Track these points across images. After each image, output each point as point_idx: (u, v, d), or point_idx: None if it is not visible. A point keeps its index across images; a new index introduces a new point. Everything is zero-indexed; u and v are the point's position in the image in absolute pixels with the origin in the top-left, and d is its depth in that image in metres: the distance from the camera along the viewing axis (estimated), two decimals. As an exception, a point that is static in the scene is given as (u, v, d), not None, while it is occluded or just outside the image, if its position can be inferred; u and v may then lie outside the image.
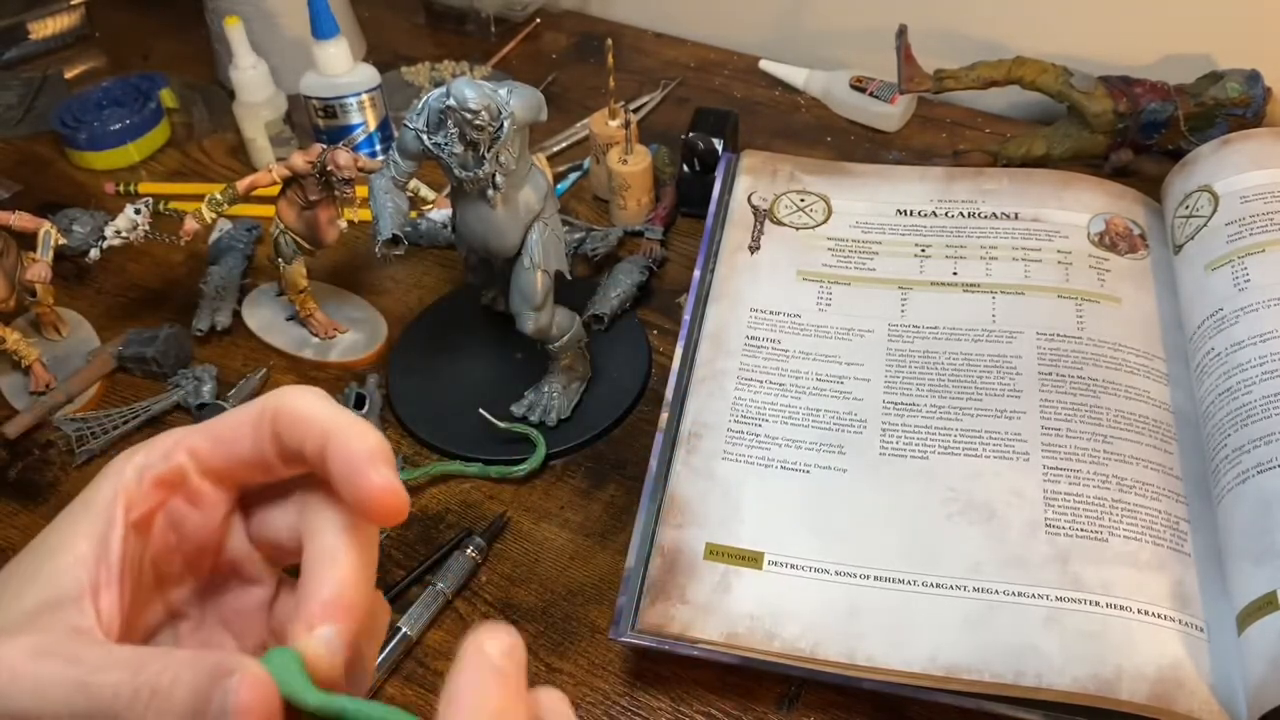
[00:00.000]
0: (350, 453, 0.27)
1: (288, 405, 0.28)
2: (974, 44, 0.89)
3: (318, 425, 0.27)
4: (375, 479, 0.27)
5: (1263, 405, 0.54)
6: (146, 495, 0.28)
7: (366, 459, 0.27)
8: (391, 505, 0.27)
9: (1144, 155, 0.78)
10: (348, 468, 0.27)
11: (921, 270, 0.67)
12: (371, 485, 0.27)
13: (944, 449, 0.57)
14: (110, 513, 0.27)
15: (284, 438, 0.28)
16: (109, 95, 0.94)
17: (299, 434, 0.28)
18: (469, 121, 0.53)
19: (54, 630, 0.26)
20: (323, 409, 0.28)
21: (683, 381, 0.62)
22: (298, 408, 0.28)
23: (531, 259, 0.59)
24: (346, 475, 0.27)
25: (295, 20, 0.91)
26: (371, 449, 0.27)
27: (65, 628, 0.26)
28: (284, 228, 0.69)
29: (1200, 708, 0.47)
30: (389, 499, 0.27)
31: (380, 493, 0.27)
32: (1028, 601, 0.50)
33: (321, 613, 0.26)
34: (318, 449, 0.27)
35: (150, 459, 0.28)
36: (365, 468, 0.27)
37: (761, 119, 0.92)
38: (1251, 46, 0.80)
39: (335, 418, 0.28)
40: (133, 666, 0.24)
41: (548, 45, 1.04)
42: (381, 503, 0.27)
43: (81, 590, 0.27)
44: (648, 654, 0.54)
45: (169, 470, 0.28)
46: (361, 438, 0.27)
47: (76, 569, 0.27)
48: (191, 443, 0.29)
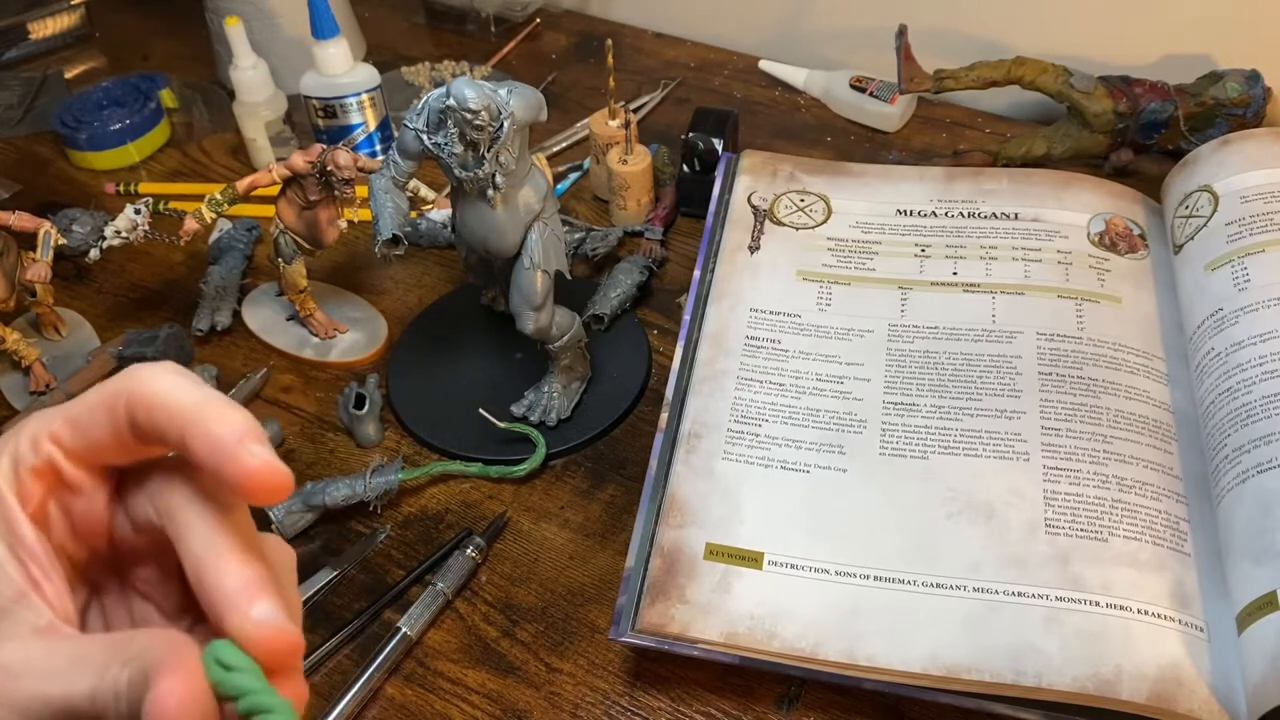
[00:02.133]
0: (214, 438, 0.25)
1: (139, 390, 0.26)
2: (974, 44, 0.89)
3: (174, 411, 0.26)
4: (248, 461, 0.25)
5: (1263, 405, 0.54)
6: (30, 488, 0.27)
7: (234, 441, 0.25)
8: (270, 483, 0.25)
9: (1144, 155, 0.78)
10: (214, 455, 0.25)
11: (921, 270, 0.67)
12: (244, 468, 0.25)
13: (944, 449, 0.57)
14: (4, 509, 0.26)
15: (140, 423, 0.26)
16: (109, 95, 0.94)
17: (155, 420, 0.26)
18: (469, 121, 0.53)
19: (15, 639, 0.25)
20: (177, 391, 0.26)
21: (683, 381, 0.62)
22: (150, 393, 0.26)
23: (531, 259, 0.59)
24: (215, 462, 0.25)
25: (295, 20, 0.91)
26: (237, 429, 0.25)
27: (24, 632, 0.25)
28: (284, 228, 0.69)
29: (1200, 707, 0.47)
30: (266, 477, 0.25)
31: (256, 473, 0.25)
32: (1028, 601, 0.50)
33: (246, 594, 0.25)
34: (177, 436, 0.26)
35: (21, 450, 0.27)
36: (234, 450, 0.25)
37: (761, 119, 0.92)
38: (1251, 46, 0.80)
39: (191, 401, 0.26)
40: (97, 666, 0.24)
41: (548, 45, 1.04)
42: (259, 483, 0.25)
43: (20, 590, 0.26)
44: (648, 654, 0.54)
45: (41, 462, 0.27)
46: (223, 419, 0.25)
47: (2, 572, 0.26)
48: (53, 430, 0.27)
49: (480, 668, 0.55)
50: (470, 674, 0.55)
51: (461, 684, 0.54)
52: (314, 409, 0.70)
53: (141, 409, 0.26)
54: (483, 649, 0.56)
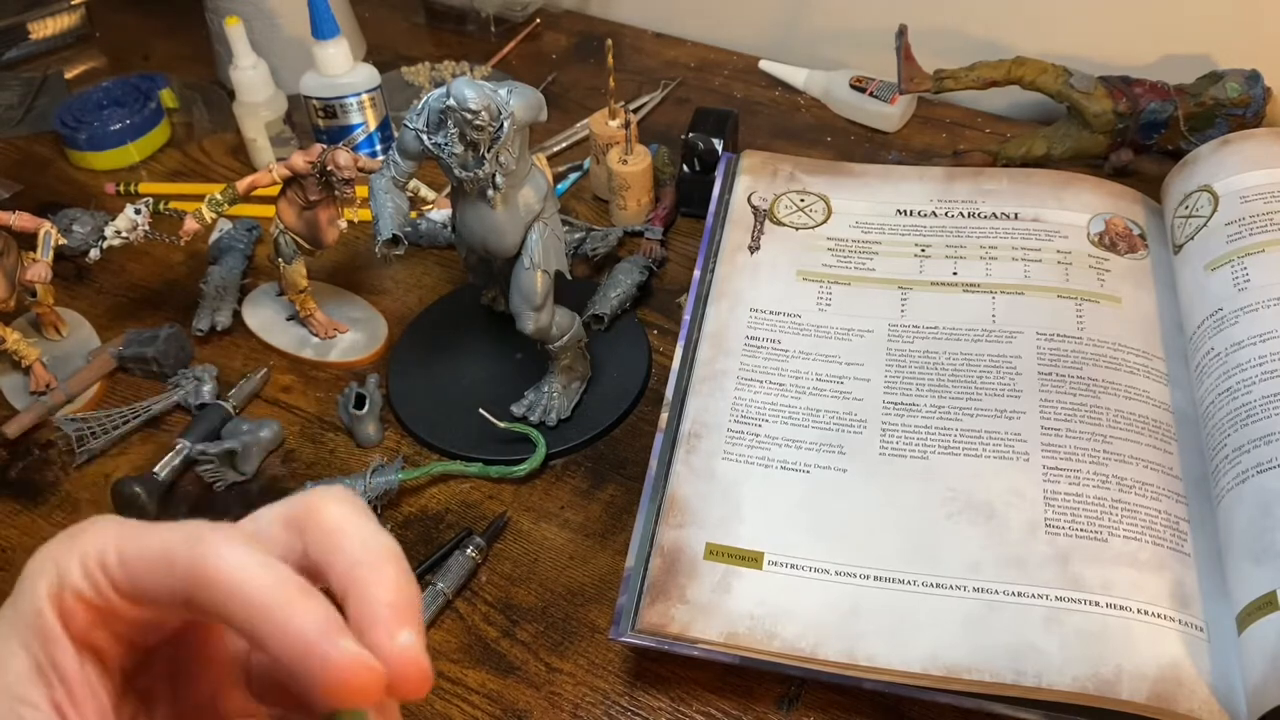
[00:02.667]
0: (291, 634, 0.22)
1: (201, 572, 0.22)
2: (974, 44, 0.89)
3: (241, 605, 0.22)
4: (337, 657, 0.22)
5: (1262, 405, 0.54)
6: (70, 608, 0.24)
7: (317, 635, 0.22)
8: (361, 684, 0.22)
9: (1144, 155, 0.78)
10: (294, 654, 0.22)
11: (921, 270, 0.67)
12: (333, 668, 0.22)
13: (944, 449, 0.57)
14: (42, 627, 0.23)
15: (203, 607, 0.23)
16: (109, 95, 0.94)
17: (220, 608, 0.22)
18: (469, 121, 0.53)
19: None
20: (244, 576, 0.22)
21: (683, 381, 0.62)
22: (214, 579, 0.22)
23: (531, 259, 0.59)
24: (297, 664, 0.22)
25: (295, 20, 0.91)
26: (318, 621, 0.22)
27: None
28: (284, 228, 0.69)
29: (1200, 707, 0.47)
30: (359, 677, 0.22)
31: (343, 672, 0.22)
32: (1028, 601, 0.50)
33: (393, 618, 0.23)
34: (248, 632, 0.22)
35: (69, 572, 0.23)
36: (318, 646, 0.22)
37: (761, 119, 0.92)
38: (1251, 46, 0.80)
39: (263, 592, 0.22)
40: None
41: (548, 45, 1.04)
42: (347, 683, 0.22)
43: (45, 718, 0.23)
44: (648, 654, 0.54)
45: (90, 590, 0.24)
46: (302, 611, 0.22)
47: (25, 695, 0.23)
48: (107, 562, 0.23)
49: (480, 668, 0.55)
50: (470, 674, 0.55)
51: (461, 684, 0.54)
52: (314, 409, 0.70)
53: (201, 589, 0.22)
54: (483, 649, 0.56)
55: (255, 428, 0.66)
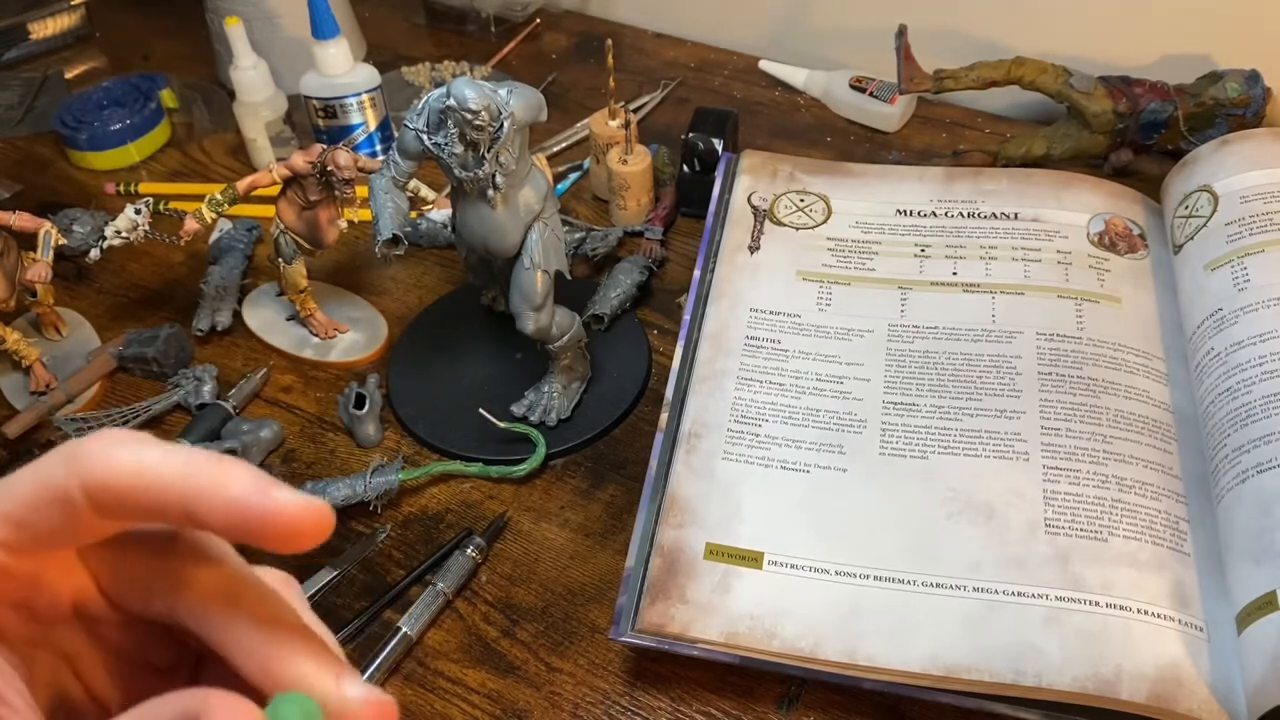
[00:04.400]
0: (233, 498, 0.22)
1: (105, 474, 0.22)
2: (974, 44, 0.89)
3: (165, 488, 0.22)
4: (287, 506, 0.22)
5: (1262, 405, 0.54)
6: None
7: (259, 493, 0.22)
8: (315, 522, 0.22)
9: (1144, 155, 0.78)
10: (240, 514, 0.22)
11: (921, 270, 0.67)
12: (285, 514, 0.22)
13: (944, 449, 0.57)
14: None
15: (113, 510, 0.22)
16: (109, 95, 0.94)
17: (138, 503, 0.22)
18: (469, 121, 0.53)
19: None
20: (157, 464, 0.22)
21: (683, 381, 0.62)
22: (120, 474, 0.22)
23: (531, 259, 0.59)
24: (242, 522, 0.22)
25: (295, 20, 0.91)
26: (250, 482, 0.22)
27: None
28: (284, 228, 0.69)
29: (1200, 707, 0.47)
30: (312, 515, 0.22)
31: (299, 515, 0.22)
32: (1028, 601, 0.50)
33: (333, 680, 0.22)
34: (179, 512, 0.22)
35: None
36: (262, 501, 0.22)
37: (761, 119, 0.92)
38: (1251, 46, 0.80)
39: (175, 468, 0.22)
40: None
41: (548, 45, 1.04)
42: (304, 524, 0.22)
43: None
44: (648, 654, 0.54)
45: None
46: (236, 476, 0.22)
47: None
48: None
49: (480, 668, 0.55)
50: (470, 674, 0.55)
51: (461, 684, 0.54)
52: (314, 409, 0.70)
53: (110, 495, 0.22)
54: (483, 649, 0.56)
55: (255, 428, 0.66)
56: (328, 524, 0.23)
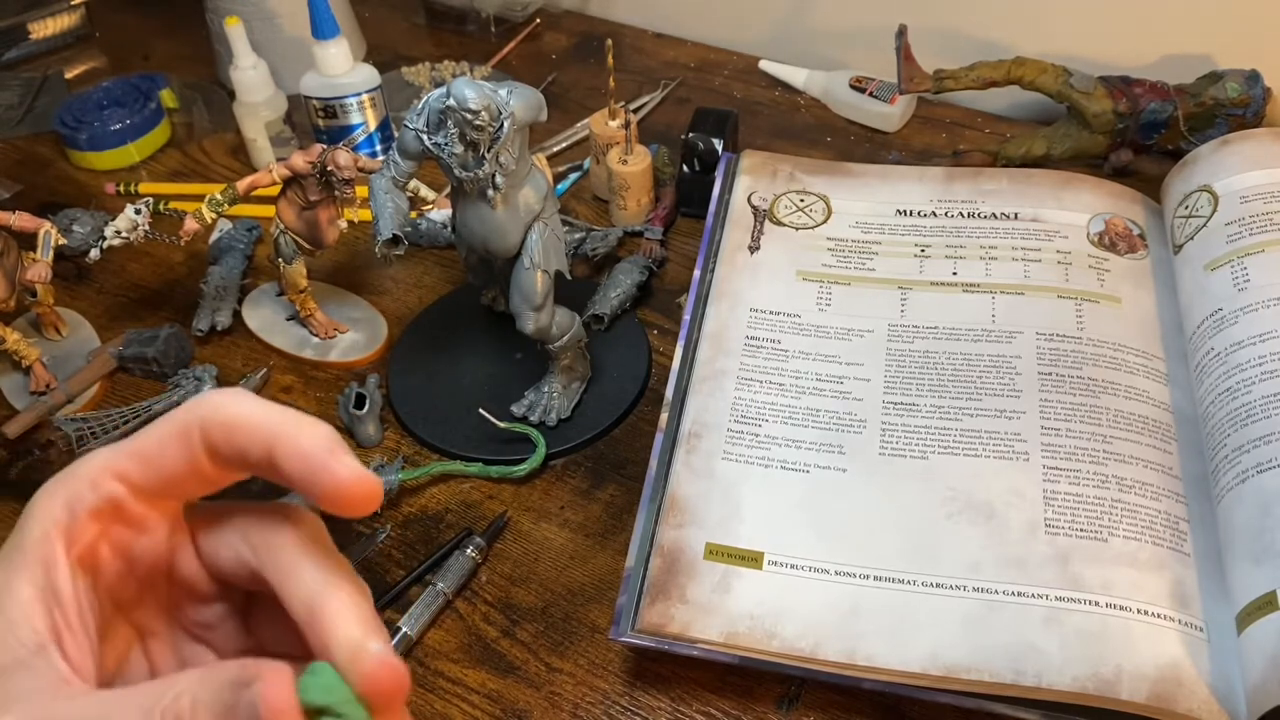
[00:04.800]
0: (304, 451, 0.25)
1: (217, 415, 0.26)
2: (974, 44, 0.89)
3: (258, 430, 0.25)
4: (341, 471, 0.25)
5: (1262, 405, 0.54)
6: (83, 529, 0.26)
7: (326, 452, 0.25)
8: (364, 493, 0.25)
9: (1144, 155, 0.78)
10: (306, 467, 0.25)
11: (921, 270, 0.67)
12: (338, 479, 0.25)
13: (944, 449, 0.57)
14: (47, 554, 0.26)
15: (220, 449, 0.26)
16: (109, 95, 0.94)
17: (237, 443, 0.26)
18: (469, 121, 0.53)
19: (32, 697, 0.24)
20: (257, 410, 0.26)
21: (683, 381, 0.62)
22: (229, 415, 0.26)
23: (531, 259, 0.59)
24: (307, 475, 0.25)
25: (295, 20, 0.91)
26: (326, 440, 0.25)
27: (42, 688, 0.24)
28: (284, 228, 0.69)
29: (1200, 707, 0.47)
30: (361, 487, 0.25)
31: (350, 484, 0.25)
32: (1028, 601, 0.50)
33: (361, 631, 0.25)
34: (263, 455, 0.25)
35: (78, 490, 0.26)
36: (327, 461, 0.25)
37: (761, 119, 0.92)
38: (1251, 46, 0.80)
39: (274, 418, 0.26)
40: (143, 707, 0.23)
41: (548, 45, 1.04)
42: (353, 493, 0.25)
43: (41, 642, 0.25)
44: (648, 654, 0.54)
45: (101, 500, 0.26)
46: (312, 433, 0.25)
47: (27, 622, 0.25)
48: (119, 467, 0.26)
49: (480, 668, 0.55)
50: (470, 674, 0.55)
51: (461, 684, 0.54)
52: (314, 409, 0.70)
53: (220, 432, 0.26)
54: (483, 649, 0.56)
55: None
56: (375, 497, 0.26)
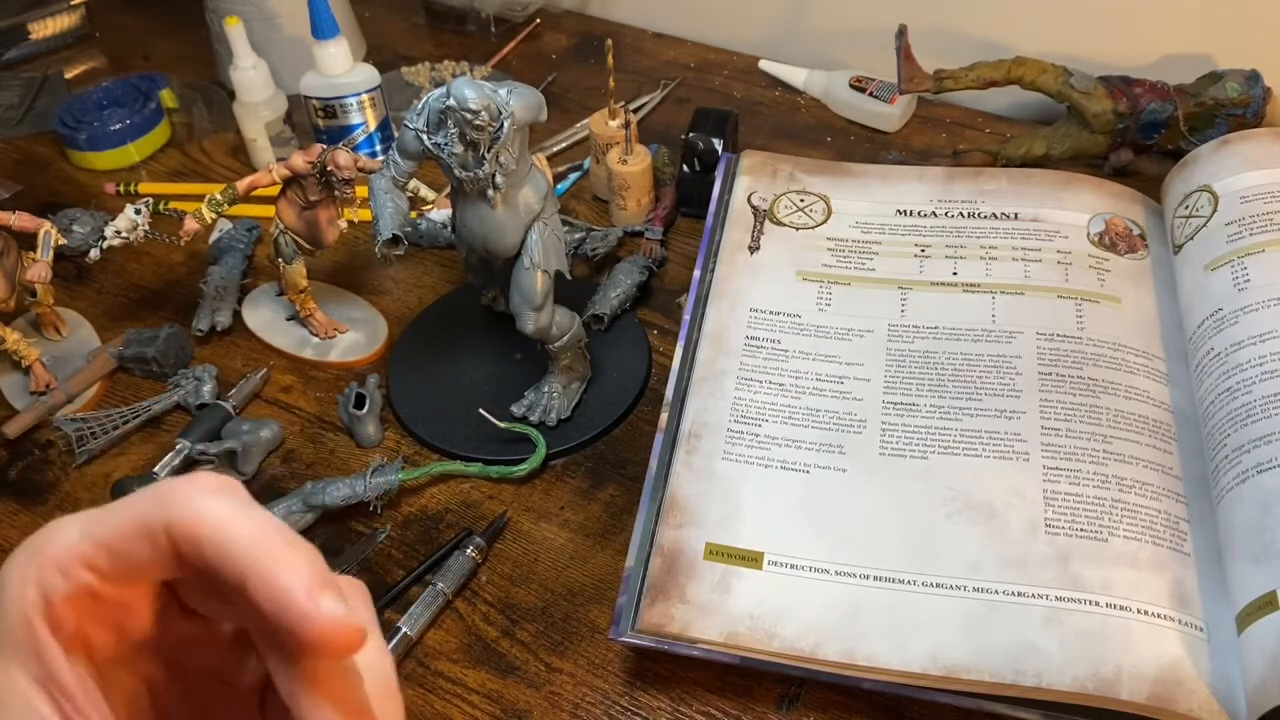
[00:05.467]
0: (280, 591, 0.22)
1: (182, 522, 0.23)
2: (974, 44, 0.89)
3: (229, 557, 0.23)
4: (320, 620, 0.22)
5: (1262, 405, 0.54)
6: (63, 615, 0.24)
7: (305, 596, 0.22)
8: (344, 642, 0.23)
9: (1144, 155, 0.78)
10: (282, 610, 0.22)
11: (921, 270, 0.67)
12: (318, 628, 0.22)
13: (944, 449, 0.57)
14: (35, 643, 0.23)
15: (188, 558, 0.23)
16: (109, 95, 0.94)
17: (205, 558, 0.23)
18: (469, 121, 0.53)
19: None
20: (230, 528, 0.23)
21: (683, 381, 0.62)
22: (196, 525, 0.23)
23: (531, 259, 0.59)
24: (282, 618, 0.23)
25: (295, 20, 0.91)
26: (306, 579, 0.23)
27: None
28: (284, 228, 0.69)
29: (1200, 707, 0.47)
30: (340, 636, 0.23)
31: (330, 633, 0.22)
32: (1028, 601, 0.50)
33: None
34: (235, 582, 0.23)
35: (49, 578, 0.24)
36: (305, 608, 0.22)
37: (761, 119, 0.92)
38: (1251, 46, 0.80)
39: (249, 544, 0.23)
40: None
41: (548, 45, 1.04)
42: (333, 642, 0.23)
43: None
44: (648, 654, 0.54)
45: (74, 589, 0.24)
46: (291, 570, 0.23)
47: (35, 713, 0.23)
48: (85, 554, 0.24)
49: (480, 668, 0.55)
50: (470, 674, 0.55)
51: (461, 684, 0.54)
52: (314, 409, 0.70)
53: (188, 546, 0.23)
54: (483, 649, 0.56)
55: (255, 428, 0.66)
56: (356, 643, 0.23)
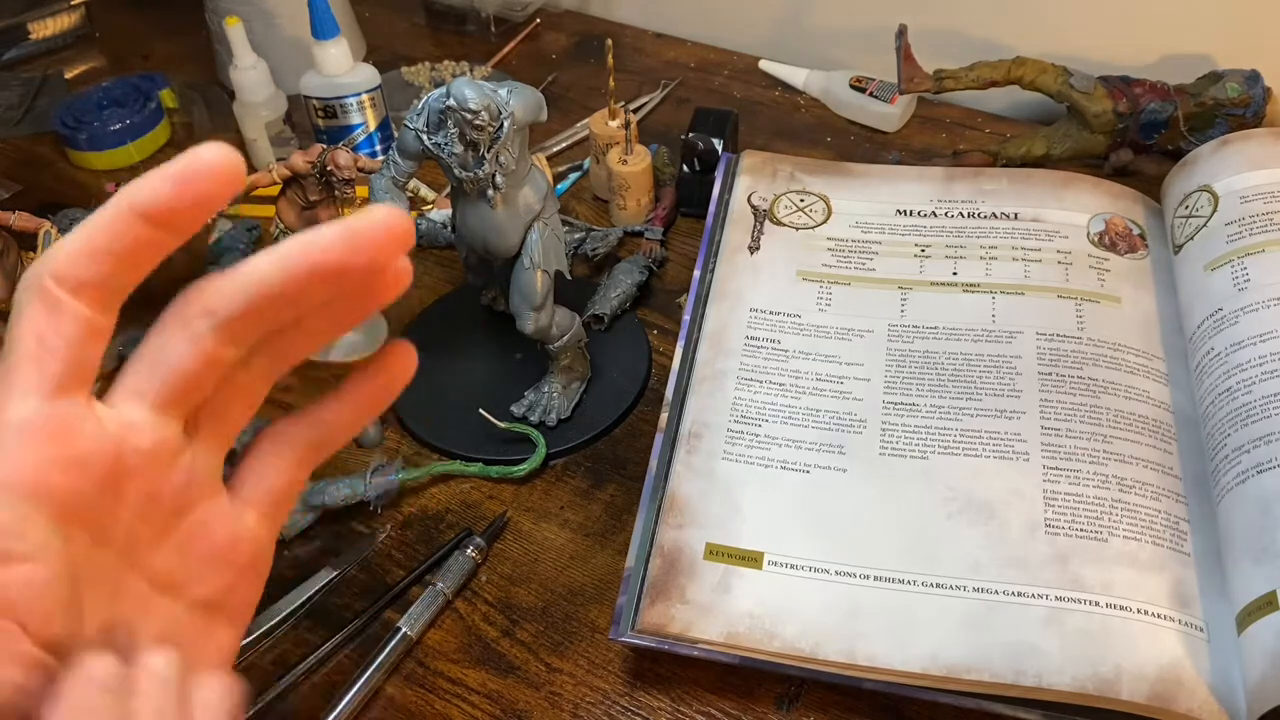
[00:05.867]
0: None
1: (140, 195, 0.27)
2: (974, 44, 0.89)
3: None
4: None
5: (1262, 405, 0.54)
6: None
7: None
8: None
9: (1144, 155, 0.78)
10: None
11: (921, 270, 0.67)
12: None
13: (944, 449, 0.57)
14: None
15: (153, 210, 0.27)
16: (109, 95, 0.94)
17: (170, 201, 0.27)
18: (469, 121, 0.53)
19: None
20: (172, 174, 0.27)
21: (683, 381, 0.62)
22: (155, 191, 0.28)
23: (531, 259, 0.59)
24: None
25: (295, 20, 0.91)
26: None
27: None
28: (284, 228, 0.69)
29: (1200, 707, 0.47)
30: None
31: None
32: (1028, 601, 0.50)
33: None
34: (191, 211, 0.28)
35: (53, 279, 0.27)
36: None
37: (761, 119, 0.92)
38: (1251, 46, 0.80)
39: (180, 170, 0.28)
40: None
41: (548, 45, 1.04)
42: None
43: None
44: (648, 654, 0.54)
45: (81, 282, 0.28)
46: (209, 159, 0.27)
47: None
48: (76, 253, 0.28)
49: (480, 668, 0.55)
50: (470, 674, 0.55)
51: (461, 684, 0.54)
52: (314, 409, 0.70)
53: (148, 205, 0.27)
54: (483, 649, 0.56)
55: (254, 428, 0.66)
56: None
